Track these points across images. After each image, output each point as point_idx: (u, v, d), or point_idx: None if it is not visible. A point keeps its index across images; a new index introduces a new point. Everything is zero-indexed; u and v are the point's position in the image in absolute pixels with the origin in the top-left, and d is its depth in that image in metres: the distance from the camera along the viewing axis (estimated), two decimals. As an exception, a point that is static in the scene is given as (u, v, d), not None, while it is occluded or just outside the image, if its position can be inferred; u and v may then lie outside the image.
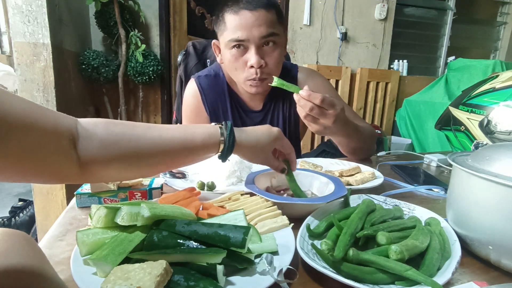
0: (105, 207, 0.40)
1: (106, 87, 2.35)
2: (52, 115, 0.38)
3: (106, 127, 0.45)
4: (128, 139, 0.46)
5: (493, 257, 0.43)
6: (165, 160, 0.50)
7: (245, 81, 0.88)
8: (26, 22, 1.70)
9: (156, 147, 0.48)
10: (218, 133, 0.52)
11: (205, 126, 0.52)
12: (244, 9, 0.81)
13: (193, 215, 0.47)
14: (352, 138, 0.85)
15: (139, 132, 0.48)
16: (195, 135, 0.51)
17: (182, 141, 0.50)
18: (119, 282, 0.32)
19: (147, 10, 2.39)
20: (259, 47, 0.83)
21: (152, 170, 0.51)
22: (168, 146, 0.49)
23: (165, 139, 0.49)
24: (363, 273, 0.38)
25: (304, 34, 2.95)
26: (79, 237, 0.39)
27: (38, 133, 0.35)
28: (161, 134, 0.49)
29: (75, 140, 0.41)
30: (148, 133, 0.48)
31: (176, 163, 0.53)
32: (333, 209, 0.54)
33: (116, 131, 0.45)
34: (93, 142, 0.42)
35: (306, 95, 0.67)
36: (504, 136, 1.35)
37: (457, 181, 0.48)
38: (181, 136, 0.50)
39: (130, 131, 0.47)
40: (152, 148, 0.48)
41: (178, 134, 0.50)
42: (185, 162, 0.53)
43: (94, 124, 0.44)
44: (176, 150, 0.49)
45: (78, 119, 0.43)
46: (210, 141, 0.51)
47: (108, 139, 0.44)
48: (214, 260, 0.36)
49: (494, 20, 3.69)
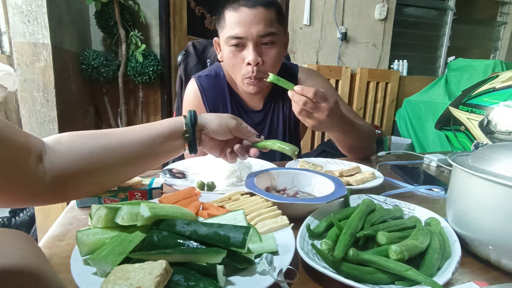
0: (105, 207, 0.40)
1: (106, 87, 2.35)
2: (23, 133, 0.41)
3: (69, 141, 0.47)
4: (89, 151, 0.47)
5: (493, 257, 0.43)
6: (136, 163, 0.53)
7: (243, 79, 0.88)
8: (26, 22, 1.70)
9: (122, 152, 0.50)
10: (181, 118, 0.57)
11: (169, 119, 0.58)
12: (243, 6, 0.81)
13: (193, 215, 0.47)
14: (348, 135, 0.85)
15: (101, 142, 0.49)
16: (161, 125, 0.55)
17: (147, 137, 0.53)
18: (119, 282, 0.32)
19: (147, 10, 2.40)
20: (257, 45, 0.83)
21: (123, 176, 0.53)
22: (134, 148, 0.51)
23: (129, 143, 0.51)
24: (363, 273, 0.38)
25: (304, 34, 2.95)
26: (79, 237, 0.39)
27: (11, 146, 0.37)
28: (124, 139, 0.51)
29: (42, 156, 0.43)
30: (111, 141, 0.50)
31: (147, 161, 0.55)
32: (333, 209, 0.54)
33: (78, 145, 0.47)
34: (56, 158, 0.44)
35: (299, 89, 0.68)
36: (504, 136, 1.35)
37: (457, 181, 0.48)
38: (145, 131, 0.53)
39: (93, 142, 0.48)
40: (116, 155, 0.50)
41: (142, 129, 0.53)
42: (157, 157, 0.55)
43: (58, 140, 0.46)
44: (144, 149, 0.52)
45: (44, 138, 0.46)
46: (175, 125, 0.55)
47: (69, 154, 0.46)
48: (214, 260, 0.36)
49: (494, 20, 3.69)
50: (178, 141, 0.57)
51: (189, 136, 0.57)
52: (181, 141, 0.57)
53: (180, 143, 0.57)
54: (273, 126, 1.02)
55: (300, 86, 0.68)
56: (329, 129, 0.79)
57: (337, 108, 0.72)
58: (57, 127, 1.86)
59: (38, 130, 1.84)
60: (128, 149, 0.51)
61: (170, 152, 0.57)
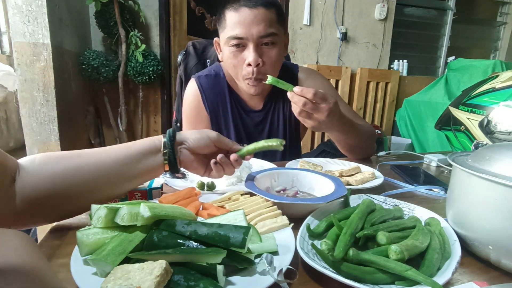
0: (105, 207, 0.40)
1: (106, 87, 2.35)
2: (1, 151, 0.40)
3: (42, 162, 0.46)
4: (61, 171, 0.46)
5: (493, 257, 0.43)
6: (111, 183, 0.49)
7: (244, 80, 0.88)
8: (26, 22, 1.70)
9: (96, 172, 0.48)
10: (160, 136, 0.55)
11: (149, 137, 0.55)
12: (244, 7, 0.81)
13: (193, 215, 0.47)
14: (348, 135, 0.85)
15: (74, 162, 0.47)
16: (138, 143, 0.52)
17: (123, 156, 0.50)
18: (119, 282, 0.32)
19: (147, 10, 2.40)
20: (258, 45, 0.83)
21: (98, 197, 0.49)
22: (109, 166, 0.49)
23: (103, 161, 0.49)
24: (363, 273, 0.38)
25: (304, 34, 2.95)
26: (79, 237, 0.39)
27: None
28: (98, 158, 0.49)
29: (15, 177, 0.43)
30: (84, 160, 0.48)
31: (123, 181, 0.51)
32: (333, 209, 0.54)
33: (50, 166, 0.46)
34: (28, 179, 0.43)
35: (299, 90, 0.68)
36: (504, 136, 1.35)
37: (457, 181, 0.48)
38: (120, 150, 0.51)
39: (66, 162, 0.47)
40: (90, 175, 0.47)
41: (118, 148, 0.51)
42: (134, 176, 0.52)
43: (32, 161, 0.45)
44: (119, 168, 0.49)
45: (19, 159, 0.45)
46: (153, 142, 0.53)
47: (42, 175, 0.44)
48: (214, 260, 0.36)
49: (494, 20, 3.69)
50: (156, 159, 0.53)
51: (168, 152, 0.53)
52: (159, 159, 0.53)
53: (158, 160, 0.53)
54: (273, 126, 1.02)
55: (299, 87, 0.68)
56: (329, 129, 0.79)
57: (336, 108, 0.72)
58: (57, 127, 1.86)
59: (38, 130, 1.84)
60: (102, 168, 0.48)
61: (148, 171, 0.53)
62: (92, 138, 2.41)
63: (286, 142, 1.05)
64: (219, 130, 1.00)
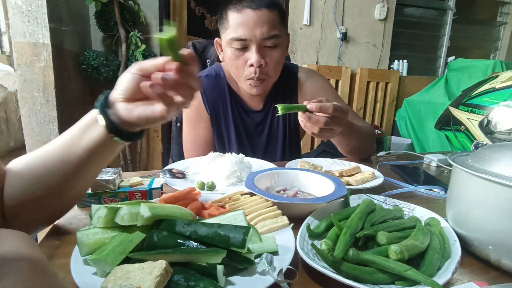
0: (105, 207, 0.40)
1: (106, 87, 2.32)
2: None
3: (10, 171, 0.45)
4: (34, 172, 0.45)
5: (493, 257, 0.43)
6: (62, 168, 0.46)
7: (245, 80, 0.88)
8: (26, 22, 1.70)
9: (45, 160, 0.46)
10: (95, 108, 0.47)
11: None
12: (247, 8, 0.81)
13: (193, 215, 0.47)
14: (349, 137, 0.85)
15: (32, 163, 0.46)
16: (76, 124, 0.47)
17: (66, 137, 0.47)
18: (119, 282, 0.32)
19: (147, 10, 2.39)
20: (260, 47, 0.83)
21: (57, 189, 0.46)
22: (57, 151, 0.46)
23: (52, 148, 0.46)
24: (363, 273, 0.38)
25: (304, 34, 2.95)
26: (79, 237, 0.39)
27: None
28: (47, 146, 0.47)
29: (3, 181, 0.43)
30: (37, 153, 0.47)
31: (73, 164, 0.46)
32: (333, 209, 0.54)
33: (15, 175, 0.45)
34: (9, 182, 0.43)
35: (317, 107, 0.66)
36: (504, 136, 1.35)
37: (457, 181, 0.48)
38: (64, 133, 0.47)
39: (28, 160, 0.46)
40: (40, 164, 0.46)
41: (63, 133, 0.48)
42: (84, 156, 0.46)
43: (10, 167, 0.45)
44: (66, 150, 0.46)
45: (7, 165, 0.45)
46: (90, 113, 0.47)
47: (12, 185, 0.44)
48: (214, 260, 0.36)
49: (494, 20, 3.69)
50: (97, 129, 0.45)
51: (102, 115, 0.44)
52: (100, 128, 0.45)
53: (99, 130, 0.45)
54: (273, 126, 1.02)
55: (314, 103, 0.66)
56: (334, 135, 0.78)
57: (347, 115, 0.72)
58: (57, 127, 1.86)
59: (38, 130, 1.84)
60: (52, 158, 0.45)
61: (96, 145, 0.45)
62: (92, 138, 2.41)
63: (286, 142, 1.05)
64: (219, 130, 1.00)
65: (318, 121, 0.67)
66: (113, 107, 0.45)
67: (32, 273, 0.27)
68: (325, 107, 0.66)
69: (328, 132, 0.70)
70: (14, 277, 0.25)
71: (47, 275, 0.28)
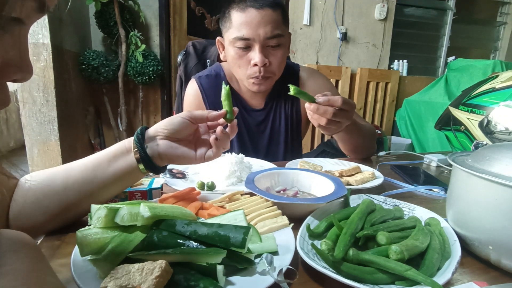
0: (105, 207, 0.40)
1: (106, 87, 2.35)
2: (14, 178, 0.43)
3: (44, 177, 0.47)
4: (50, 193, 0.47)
5: (493, 257, 0.43)
6: (81, 190, 0.48)
7: (248, 79, 0.88)
8: (26, 22, 1.69)
9: (66, 178, 0.48)
10: (131, 138, 0.51)
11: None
12: (250, 7, 0.81)
13: (193, 215, 0.47)
14: (354, 135, 0.85)
15: (50, 183, 0.48)
16: (108, 148, 0.50)
17: (91, 161, 0.49)
18: (119, 282, 0.32)
19: (147, 10, 2.39)
20: (264, 46, 0.83)
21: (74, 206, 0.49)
22: (79, 172, 0.49)
23: (73, 168, 0.49)
24: (363, 273, 0.38)
25: (304, 34, 2.95)
26: (79, 237, 0.39)
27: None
28: (70, 166, 0.49)
29: (12, 192, 0.45)
30: (58, 169, 0.49)
31: (93, 187, 0.49)
32: (333, 209, 0.54)
33: (25, 192, 0.47)
34: (18, 194, 0.45)
35: (325, 100, 0.67)
36: (504, 136, 1.35)
37: (457, 181, 0.48)
38: (90, 157, 0.50)
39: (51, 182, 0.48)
40: (60, 181, 0.48)
41: (89, 156, 0.50)
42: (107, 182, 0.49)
43: (36, 176, 0.47)
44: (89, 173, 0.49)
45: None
46: (123, 143, 0.50)
47: (21, 203, 0.46)
48: (214, 260, 0.36)
49: (494, 20, 3.69)
50: (127, 159, 0.49)
51: (139, 149, 0.49)
52: (131, 159, 0.49)
53: (130, 160, 0.49)
54: (275, 124, 1.02)
55: (323, 97, 0.67)
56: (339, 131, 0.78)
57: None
58: (57, 127, 1.86)
59: (38, 130, 1.84)
60: (74, 174, 0.48)
61: (122, 174, 0.49)
62: (92, 138, 2.41)
63: (288, 141, 1.05)
64: None
65: (326, 112, 0.67)
66: (152, 141, 0.50)
67: (33, 273, 0.27)
68: (334, 100, 0.67)
69: (335, 124, 0.70)
70: (13, 276, 0.25)
71: (46, 272, 0.28)
